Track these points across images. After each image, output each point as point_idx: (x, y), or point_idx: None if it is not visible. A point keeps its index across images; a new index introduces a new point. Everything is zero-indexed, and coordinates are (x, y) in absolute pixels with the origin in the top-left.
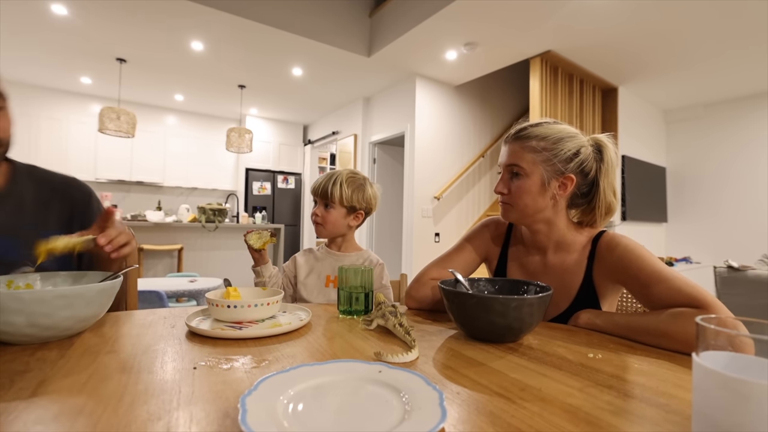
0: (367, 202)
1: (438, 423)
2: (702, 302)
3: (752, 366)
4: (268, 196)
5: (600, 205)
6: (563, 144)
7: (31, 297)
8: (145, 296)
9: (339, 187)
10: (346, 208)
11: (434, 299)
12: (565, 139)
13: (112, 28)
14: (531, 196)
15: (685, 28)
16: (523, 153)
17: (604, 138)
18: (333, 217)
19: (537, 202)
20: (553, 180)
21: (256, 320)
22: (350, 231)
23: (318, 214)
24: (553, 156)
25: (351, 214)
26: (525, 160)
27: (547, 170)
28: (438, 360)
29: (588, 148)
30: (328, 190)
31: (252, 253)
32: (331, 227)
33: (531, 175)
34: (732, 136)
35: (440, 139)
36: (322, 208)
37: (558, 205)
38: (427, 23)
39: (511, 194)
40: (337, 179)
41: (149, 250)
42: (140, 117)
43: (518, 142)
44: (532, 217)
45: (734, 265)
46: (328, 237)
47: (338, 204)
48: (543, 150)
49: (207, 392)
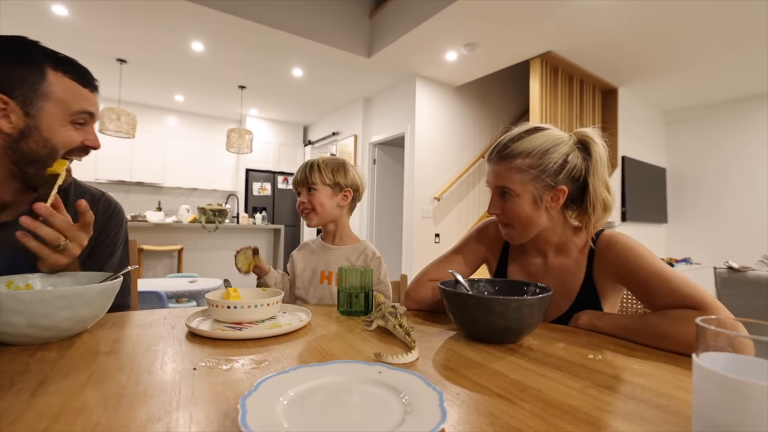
0: (352, 180)
1: (438, 424)
2: (702, 303)
3: (752, 367)
4: (269, 196)
5: (594, 203)
6: (549, 157)
7: (31, 297)
8: (145, 297)
9: (317, 169)
10: (330, 187)
11: (434, 300)
12: (550, 151)
13: (112, 28)
14: (525, 214)
15: (685, 28)
16: (509, 174)
17: (590, 132)
18: (319, 199)
19: (532, 219)
20: (545, 195)
21: (256, 321)
22: (342, 215)
23: (304, 201)
24: (541, 172)
25: (338, 193)
26: (513, 182)
27: (537, 187)
28: (438, 361)
29: (575, 152)
30: (307, 175)
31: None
32: (320, 209)
33: (522, 195)
34: (732, 136)
35: (440, 140)
36: (306, 193)
37: (552, 213)
38: (427, 24)
39: (506, 215)
40: (314, 164)
41: (149, 251)
42: (140, 118)
43: (503, 162)
44: (531, 233)
45: (734, 266)
46: (319, 223)
47: (321, 184)
48: (530, 168)
49: (207, 393)
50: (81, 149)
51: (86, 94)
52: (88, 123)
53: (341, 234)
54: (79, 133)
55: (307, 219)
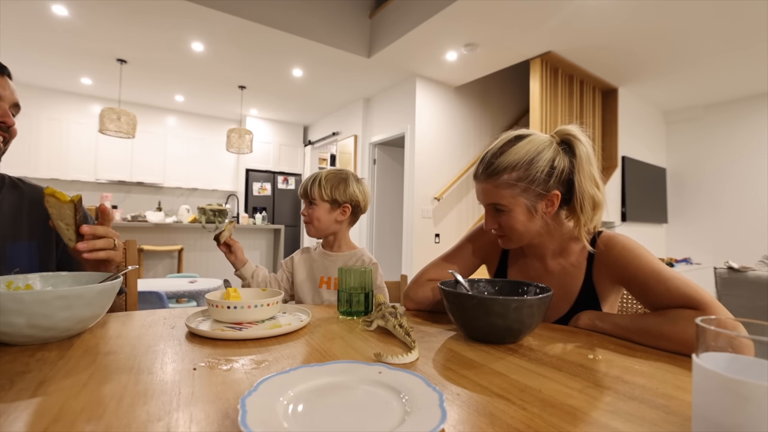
0: (351, 195)
1: (438, 424)
2: (701, 303)
3: (752, 367)
4: (269, 196)
5: (581, 202)
6: (535, 166)
7: (31, 298)
8: (145, 297)
9: (318, 185)
10: (328, 203)
11: (433, 300)
12: (534, 160)
13: (112, 28)
14: (522, 225)
15: (685, 28)
16: (498, 191)
17: (572, 130)
18: (317, 214)
19: (529, 229)
20: (539, 204)
21: (256, 321)
22: (341, 228)
23: (305, 213)
24: (530, 183)
25: (336, 209)
26: (504, 197)
27: (529, 198)
28: (438, 361)
29: (560, 155)
30: (308, 189)
31: (220, 247)
32: (317, 224)
33: (515, 208)
34: (732, 137)
35: (440, 140)
36: (307, 206)
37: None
38: (427, 24)
39: (502, 228)
40: (316, 178)
41: (149, 251)
42: (140, 118)
43: (490, 180)
44: (530, 240)
45: (734, 266)
46: (317, 235)
47: (319, 200)
48: (518, 181)
49: (207, 393)
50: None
51: None
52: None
53: (340, 243)
54: None
55: (306, 229)
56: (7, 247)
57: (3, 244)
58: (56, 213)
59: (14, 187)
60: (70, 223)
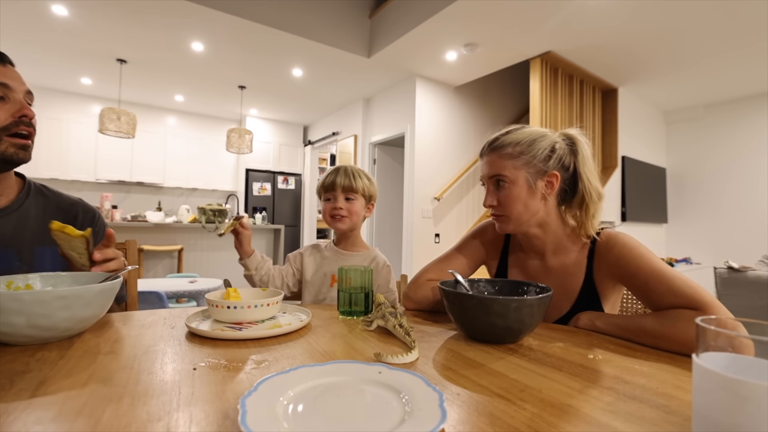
0: (375, 193)
1: (438, 424)
2: (701, 303)
3: (752, 367)
4: (269, 196)
5: (588, 191)
6: (538, 144)
7: (31, 298)
8: (145, 297)
9: (360, 179)
10: (365, 198)
11: (433, 300)
12: (538, 140)
13: (112, 28)
14: (521, 201)
15: (685, 28)
16: (502, 161)
17: (574, 132)
18: (356, 208)
19: (528, 207)
20: (539, 180)
21: (256, 321)
22: (361, 224)
23: (342, 207)
24: (531, 158)
25: (367, 204)
26: (507, 168)
27: (530, 172)
28: (438, 361)
29: (561, 143)
30: (353, 183)
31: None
32: (355, 218)
33: (516, 181)
34: (732, 136)
35: (440, 140)
36: (343, 201)
37: (549, 204)
38: (427, 24)
39: (501, 205)
40: (354, 172)
41: (149, 251)
42: (140, 117)
43: (495, 152)
44: (527, 223)
45: (734, 266)
46: (348, 230)
47: (360, 195)
48: (521, 154)
49: (207, 393)
50: (16, 123)
51: None
52: (8, 97)
53: (354, 240)
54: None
55: (339, 223)
56: (35, 251)
57: (31, 248)
58: (66, 245)
59: (39, 193)
60: (82, 253)
